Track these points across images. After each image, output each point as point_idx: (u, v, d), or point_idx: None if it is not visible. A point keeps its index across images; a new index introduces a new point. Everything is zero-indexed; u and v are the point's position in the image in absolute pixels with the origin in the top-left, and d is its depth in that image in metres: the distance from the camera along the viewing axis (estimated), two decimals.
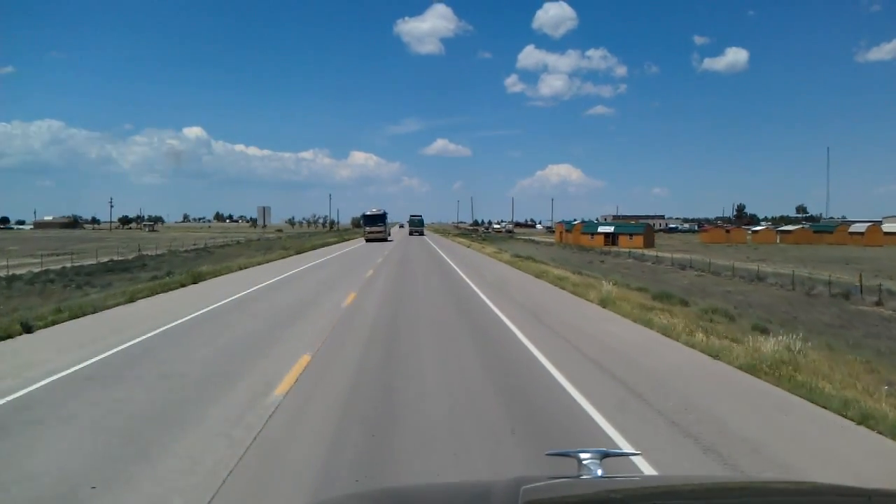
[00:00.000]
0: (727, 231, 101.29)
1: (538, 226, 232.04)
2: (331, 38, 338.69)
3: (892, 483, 4.61)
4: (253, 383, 8.02)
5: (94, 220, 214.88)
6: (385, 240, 62.05)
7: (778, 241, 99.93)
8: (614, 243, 79.84)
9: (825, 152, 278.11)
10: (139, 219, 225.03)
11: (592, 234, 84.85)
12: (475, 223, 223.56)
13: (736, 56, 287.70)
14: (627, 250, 65.38)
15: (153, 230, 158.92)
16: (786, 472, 5.15)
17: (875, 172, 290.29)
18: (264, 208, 34.94)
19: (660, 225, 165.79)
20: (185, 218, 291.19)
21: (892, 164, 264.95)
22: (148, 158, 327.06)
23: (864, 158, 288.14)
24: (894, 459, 5.67)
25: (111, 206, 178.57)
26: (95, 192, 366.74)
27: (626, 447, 5.60)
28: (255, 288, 19.80)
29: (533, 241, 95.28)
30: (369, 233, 62.26)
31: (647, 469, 5.06)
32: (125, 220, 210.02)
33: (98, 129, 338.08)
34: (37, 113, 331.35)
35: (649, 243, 79.26)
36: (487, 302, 16.45)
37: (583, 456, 1.87)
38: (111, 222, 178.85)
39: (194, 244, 72.02)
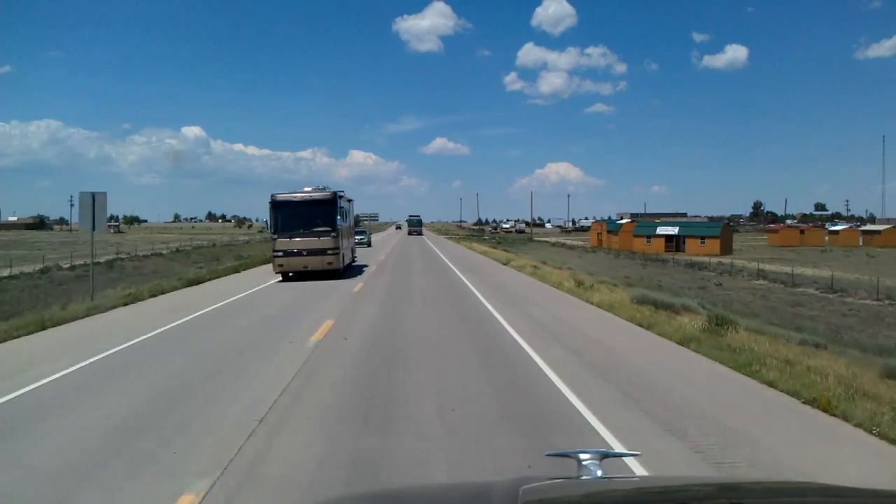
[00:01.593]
0: (801, 232, 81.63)
1: (547, 225, 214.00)
2: (330, 36, 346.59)
3: None
4: None
5: (62, 221, 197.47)
6: (342, 271, 24.11)
7: (861, 242, 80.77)
8: (678, 248, 60.42)
9: (830, 148, 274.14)
10: (111, 219, 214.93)
11: (649, 237, 65.03)
12: (479, 222, 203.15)
13: (735, 53, 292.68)
14: (706, 259, 45.97)
15: (118, 231, 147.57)
16: None
17: (876, 169, 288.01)
18: (93, 196, 15.08)
19: None
20: (176, 218, 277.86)
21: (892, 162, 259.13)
22: (146, 158, 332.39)
23: (866, 154, 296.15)
24: None
25: (71, 206, 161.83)
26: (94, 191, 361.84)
27: None
28: None
29: (564, 245, 75.76)
30: (284, 256, 22.45)
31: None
32: None
33: (96, 128, 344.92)
34: (35, 113, 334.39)
35: (727, 249, 59.55)
36: None
37: (582, 456, 1.80)
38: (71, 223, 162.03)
39: (116, 255, 54.93)
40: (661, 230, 65.66)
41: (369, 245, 50.72)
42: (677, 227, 65.69)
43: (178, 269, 35.93)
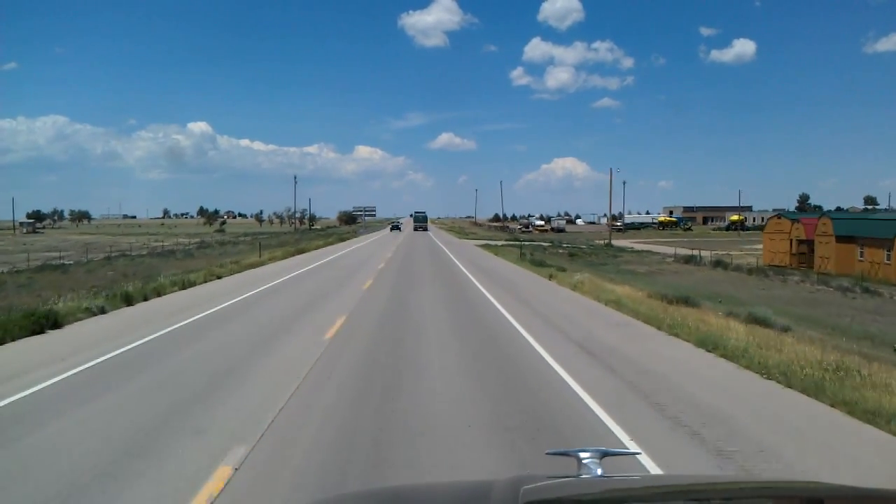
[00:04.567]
0: None
1: (578, 221, 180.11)
2: (336, 31, 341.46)
3: None
4: None
5: None
6: None
7: None
8: None
9: (836, 142, 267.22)
10: (55, 214, 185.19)
11: None
12: (498, 218, 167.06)
13: (743, 47, 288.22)
14: None
15: (34, 231, 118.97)
16: None
17: (881, 164, 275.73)
18: None
19: (762, 220, 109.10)
20: (166, 213, 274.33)
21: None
22: (153, 153, 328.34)
23: (867, 150, 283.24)
24: None
25: None
26: (100, 187, 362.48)
27: None
28: None
29: (725, 265, 39.30)
30: None
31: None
32: (38, 217, 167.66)
33: (102, 124, 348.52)
34: (41, 109, 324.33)
35: None
36: None
37: (582, 455, 1.81)
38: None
39: None
40: None
41: None
42: None
43: None
